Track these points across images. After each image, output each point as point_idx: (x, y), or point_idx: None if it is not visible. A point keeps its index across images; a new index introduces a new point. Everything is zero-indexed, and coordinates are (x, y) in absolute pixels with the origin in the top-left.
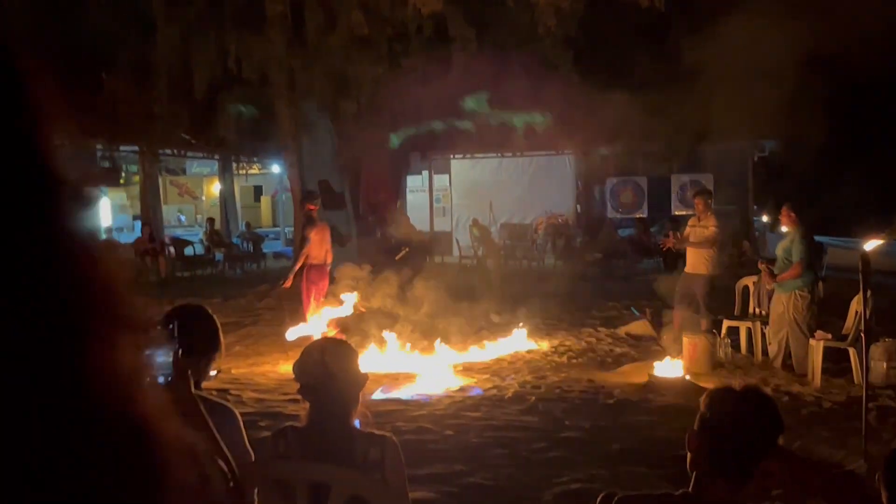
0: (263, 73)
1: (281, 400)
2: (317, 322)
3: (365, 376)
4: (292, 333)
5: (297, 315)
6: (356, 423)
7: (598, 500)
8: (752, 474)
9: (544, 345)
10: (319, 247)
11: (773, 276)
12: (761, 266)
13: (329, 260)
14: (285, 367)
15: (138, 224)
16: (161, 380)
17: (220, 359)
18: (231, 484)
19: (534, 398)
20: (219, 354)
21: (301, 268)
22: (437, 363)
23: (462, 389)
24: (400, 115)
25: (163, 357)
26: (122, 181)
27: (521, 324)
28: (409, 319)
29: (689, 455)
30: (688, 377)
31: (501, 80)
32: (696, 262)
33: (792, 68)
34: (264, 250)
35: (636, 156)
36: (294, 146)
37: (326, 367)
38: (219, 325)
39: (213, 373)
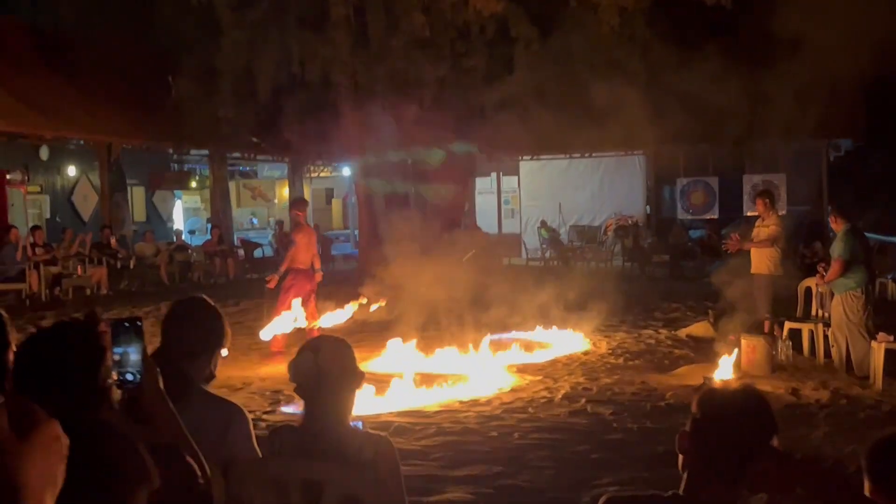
0: (327, 76)
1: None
2: (288, 321)
3: (361, 374)
4: (266, 332)
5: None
6: (359, 424)
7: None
8: (744, 475)
9: (602, 346)
10: (306, 251)
11: (822, 276)
12: (819, 267)
13: (317, 265)
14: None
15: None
16: (130, 377)
17: (226, 345)
18: (201, 481)
19: (584, 400)
20: (222, 347)
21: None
22: (491, 364)
23: (513, 390)
24: (465, 116)
25: (135, 355)
26: (194, 184)
27: (575, 327)
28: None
29: (679, 456)
30: (744, 380)
31: (565, 80)
32: (759, 262)
33: (867, 66)
34: (333, 252)
35: (707, 156)
36: (358, 148)
37: (319, 366)
38: (221, 317)
39: (223, 352)
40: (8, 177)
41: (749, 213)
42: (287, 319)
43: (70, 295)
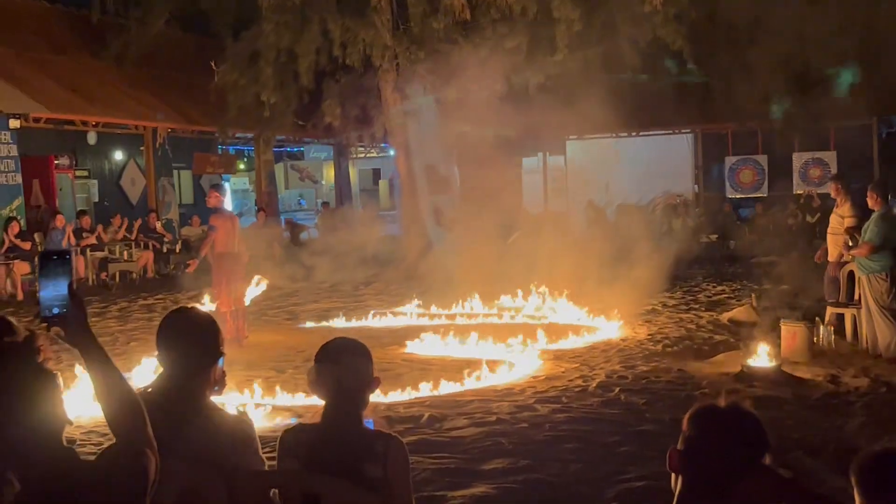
0: (368, 59)
1: None
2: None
3: (378, 382)
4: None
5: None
6: (370, 423)
7: None
8: (733, 493)
9: (642, 331)
10: (227, 236)
11: (848, 248)
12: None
13: (243, 249)
14: None
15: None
16: (56, 311)
17: (223, 351)
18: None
19: (618, 389)
20: (220, 355)
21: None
22: (528, 351)
23: (548, 379)
24: (508, 97)
25: (63, 289)
26: (241, 167)
27: (616, 312)
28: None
29: (671, 475)
30: (783, 367)
31: (609, 60)
32: (834, 249)
33: None
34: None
35: (756, 134)
36: (400, 131)
37: (339, 380)
38: (214, 323)
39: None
40: (56, 162)
41: (798, 192)
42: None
43: (117, 279)
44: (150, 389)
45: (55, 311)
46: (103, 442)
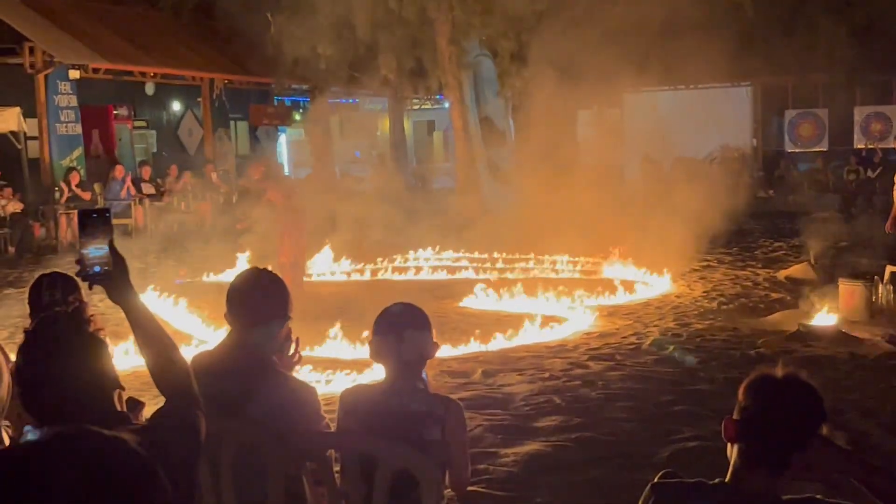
0: (424, 11)
1: None
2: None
3: (437, 347)
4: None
5: None
6: (425, 376)
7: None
8: (790, 465)
9: (697, 288)
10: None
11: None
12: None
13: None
14: None
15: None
16: (98, 269)
17: (291, 313)
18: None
19: (672, 347)
20: (288, 316)
21: None
22: (581, 307)
23: (601, 335)
24: (566, 50)
25: (104, 247)
26: (297, 117)
27: (671, 268)
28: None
29: (728, 445)
30: (840, 326)
31: (670, 11)
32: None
33: None
34: (435, 186)
35: (817, 87)
36: (455, 84)
37: (401, 353)
38: (284, 285)
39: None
40: (115, 112)
41: (859, 146)
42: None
43: (175, 229)
44: (216, 347)
45: (97, 269)
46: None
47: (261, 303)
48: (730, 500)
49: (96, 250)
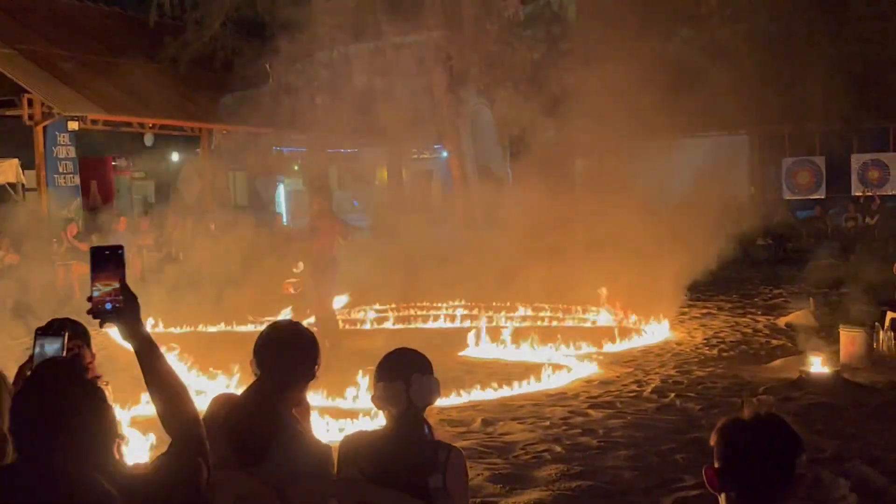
0: (421, 61)
1: None
2: None
3: (439, 388)
4: None
5: None
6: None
7: None
8: (780, 499)
9: (698, 335)
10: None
11: None
12: None
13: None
14: None
15: None
16: (109, 307)
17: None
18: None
19: (673, 395)
20: (314, 377)
21: None
22: (581, 355)
23: (602, 383)
24: (561, 98)
25: (115, 285)
26: (296, 168)
27: (669, 315)
28: None
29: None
30: (842, 373)
31: (661, 62)
32: None
33: None
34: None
35: (814, 135)
36: (452, 131)
37: (410, 399)
38: (316, 344)
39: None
40: (114, 163)
41: (856, 194)
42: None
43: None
44: (239, 397)
45: (108, 306)
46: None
47: (294, 364)
48: None
49: (107, 287)
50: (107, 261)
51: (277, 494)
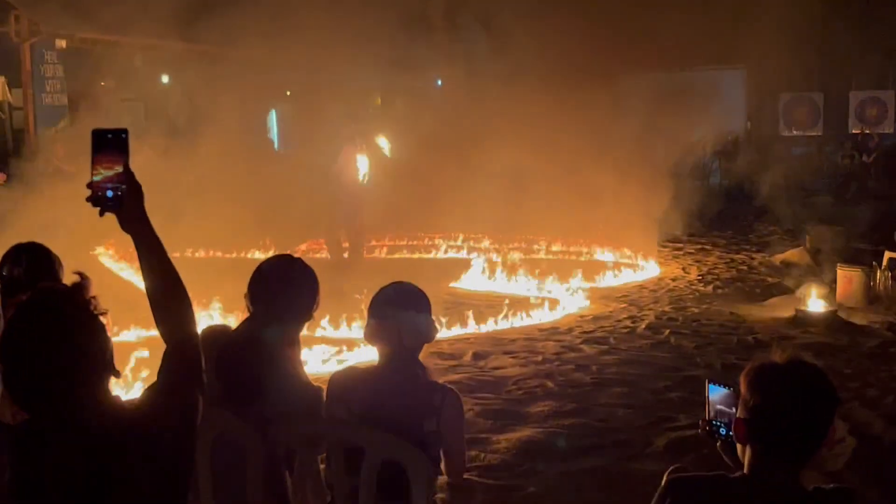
0: None
1: None
2: None
3: (435, 329)
4: None
5: None
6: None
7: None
8: (812, 453)
9: (693, 271)
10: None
11: None
12: None
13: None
14: None
15: None
16: (110, 194)
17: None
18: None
19: (668, 331)
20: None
21: None
22: (574, 288)
23: (595, 318)
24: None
25: (118, 169)
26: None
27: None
28: None
29: (737, 445)
30: (838, 312)
31: None
32: None
33: None
34: None
35: (813, 71)
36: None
37: (400, 325)
38: (316, 280)
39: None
40: (102, 84)
41: (854, 131)
42: None
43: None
44: (232, 332)
45: (109, 193)
46: None
47: (290, 301)
48: (751, 493)
49: (109, 172)
50: (109, 144)
51: (260, 436)
